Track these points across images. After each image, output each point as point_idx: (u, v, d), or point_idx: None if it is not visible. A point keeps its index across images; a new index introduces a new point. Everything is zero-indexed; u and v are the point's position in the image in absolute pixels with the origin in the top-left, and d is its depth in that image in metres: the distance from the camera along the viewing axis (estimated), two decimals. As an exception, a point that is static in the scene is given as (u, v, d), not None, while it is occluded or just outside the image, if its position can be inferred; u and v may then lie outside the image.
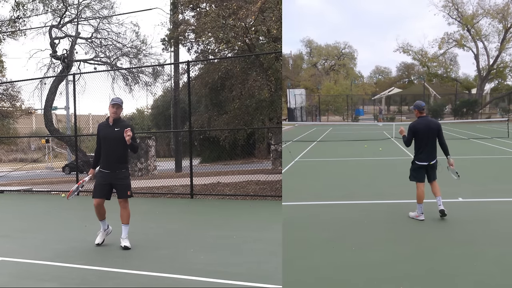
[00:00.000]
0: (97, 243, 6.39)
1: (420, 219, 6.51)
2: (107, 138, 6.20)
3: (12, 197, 13.08)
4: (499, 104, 49.98)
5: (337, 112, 50.15)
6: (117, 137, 6.11)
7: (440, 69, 49.25)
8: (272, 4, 12.09)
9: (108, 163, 6.21)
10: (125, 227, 6.28)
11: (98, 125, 6.43)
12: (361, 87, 58.42)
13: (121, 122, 6.28)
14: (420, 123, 6.66)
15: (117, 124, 6.21)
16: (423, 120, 6.68)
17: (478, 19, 43.60)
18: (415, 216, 6.60)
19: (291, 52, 61.24)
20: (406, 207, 7.41)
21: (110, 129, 6.21)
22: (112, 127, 6.21)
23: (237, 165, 18.36)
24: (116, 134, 6.13)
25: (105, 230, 6.51)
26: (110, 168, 6.20)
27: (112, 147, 6.18)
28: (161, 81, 20.40)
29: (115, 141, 6.13)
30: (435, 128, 6.65)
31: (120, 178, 6.23)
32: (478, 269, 4.65)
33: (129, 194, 6.29)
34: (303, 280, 4.49)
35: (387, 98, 60.15)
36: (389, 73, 78.83)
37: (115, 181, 6.21)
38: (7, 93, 20.71)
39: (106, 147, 6.23)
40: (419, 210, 6.57)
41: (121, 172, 6.24)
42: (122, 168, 6.27)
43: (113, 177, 6.20)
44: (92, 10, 18.41)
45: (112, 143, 6.17)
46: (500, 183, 9.50)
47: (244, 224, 8.16)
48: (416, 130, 6.63)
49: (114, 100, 6.26)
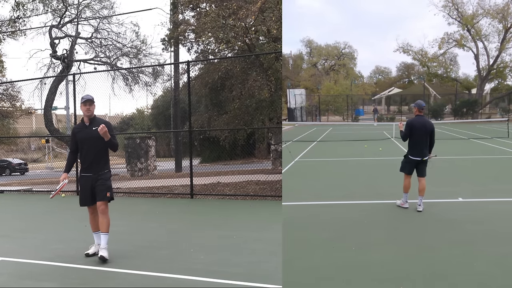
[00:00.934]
0: (87, 253, 5.91)
1: (404, 206, 7.23)
2: (86, 139, 5.82)
3: (12, 197, 13.08)
4: (499, 104, 49.96)
5: (337, 112, 50.11)
6: (96, 137, 5.73)
7: (440, 69, 49.23)
8: (272, 4, 12.09)
9: (90, 166, 5.83)
10: (104, 236, 5.75)
11: (73, 128, 6.15)
12: (361, 87, 58.38)
13: (97, 120, 5.89)
14: (417, 121, 7.17)
15: (94, 123, 5.83)
16: (420, 119, 7.21)
17: (478, 19, 43.58)
18: (401, 204, 7.29)
19: (291, 52, 61.32)
20: (406, 207, 7.41)
21: (88, 129, 5.84)
22: (90, 127, 5.84)
23: (237, 165, 18.36)
24: (94, 133, 5.74)
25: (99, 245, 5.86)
26: (92, 171, 5.82)
27: (92, 149, 5.81)
28: (161, 81, 20.43)
29: (95, 141, 5.76)
30: (430, 128, 7.17)
31: (101, 179, 5.82)
32: (478, 269, 4.64)
33: (109, 196, 5.82)
34: (303, 280, 4.49)
35: (387, 98, 60.16)
36: (389, 73, 78.87)
37: (96, 183, 5.80)
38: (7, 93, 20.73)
39: (86, 150, 5.85)
40: (404, 198, 7.28)
41: (103, 173, 5.87)
42: (105, 169, 5.91)
43: (94, 180, 5.82)
44: (92, 10, 18.42)
45: (92, 144, 5.79)
46: (500, 183, 9.50)
47: (244, 224, 8.16)
48: (413, 127, 7.14)
49: (85, 97, 5.80)
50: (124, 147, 18.41)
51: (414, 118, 7.31)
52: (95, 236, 5.97)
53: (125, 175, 17.53)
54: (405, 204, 7.26)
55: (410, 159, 7.26)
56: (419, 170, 7.27)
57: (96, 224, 5.91)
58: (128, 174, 17.64)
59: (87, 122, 5.86)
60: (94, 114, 5.87)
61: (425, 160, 7.23)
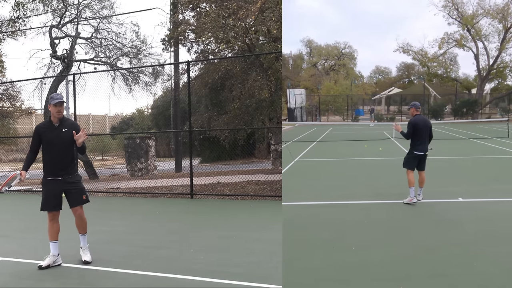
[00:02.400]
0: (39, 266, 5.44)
1: (413, 202, 7.47)
2: (54, 141, 5.46)
3: (12, 197, 13.07)
4: (499, 104, 49.94)
5: (337, 112, 50.08)
6: (66, 139, 5.46)
7: (440, 69, 49.21)
8: (272, 4, 12.09)
9: (58, 170, 5.50)
10: (83, 237, 5.71)
11: (37, 127, 5.62)
12: (361, 87, 58.35)
13: (66, 121, 5.59)
14: (419, 119, 7.76)
15: (63, 124, 5.52)
16: (420, 117, 7.85)
17: (478, 19, 43.55)
18: (409, 200, 7.50)
19: (291, 52, 61.30)
20: (406, 207, 7.42)
21: (57, 131, 5.48)
22: (59, 128, 5.49)
23: (237, 165, 18.35)
24: (64, 135, 5.46)
25: (55, 256, 5.56)
26: (61, 175, 5.51)
27: (61, 151, 5.48)
28: (161, 81, 20.37)
29: (65, 144, 5.48)
30: (429, 124, 7.87)
31: (73, 182, 5.57)
32: (478, 269, 4.65)
33: (84, 199, 5.65)
34: (303, 280, 4.49)
35: (387, 98, 60.15)
36: (389, 73, 78.85)
37: (67, 186, 5.54)
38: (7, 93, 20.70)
39: (53, 152, 5.47)
40: (412, 193, 7.52)
41: (73, 176, 5.61)
42: (74, 172, 5.66)
43: (65, 184, 5.53)
44: (92, 10, 18.38)
45: (60, 146, 5.47)
46: (500, 183, 9.50)
47: (244, 224, 8.16)
48: (416, 125, 7.67)
49: (57, 98, 5.47)
50: (124, 147, 18.38)
51: (415, 117, 7.79)
52: (52, 246, 5.58)
53: (125, 175, 17.53)
54: (413, 199, 7.49)
55: (415, 154, 7.72)
56: (421, 164, 7.78)
57: (55, 232, 5.63)
58: (128, 174, 17.63)
59: (56, 123, 5.50)
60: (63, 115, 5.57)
61: (426, 154, 7.78)
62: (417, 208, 7.37)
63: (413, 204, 7.46)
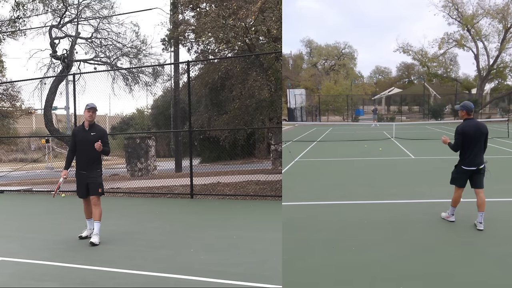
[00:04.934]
0: (80, 236, 6.88)
1: (450, 220, 6.49)
2: (84, 142, 6.67)
3: (12, 197, 13.07)
4: (499, 104, 49.94)
5: (337, 112, 50.08)
6: (93, 141, 6.56)
7: (440, 69, 49.18)
8: (272, 4, 12.09)
9: (84, 165, 6.72)
10: (96, 224, 6.63)
11: (74, 130, 7.00)
12: (361, 87, 58.35)
13: (96, 127, 6.81)
14: (470, 125, 6.19)
15: (93, 128, 6.74)
16: (472, 123, 6.23)
17: (478, 19, 43.53)
18: (446, 217, 6.56)
19: (291, 52, 61.25)
20: (406, 207, 7.42)
21: (86, 133, 6.70)
22: (88, 131, 6.71)
23: (237, 165, 18.35)
24: (92, 138, 6.61)
25: (91, 230, 6.84)
26: (86, 169, 6.71)
27: (88, 150, 6.64)
28: (161, 81, 20.37)
29: (91, 145, 6.56)
30: (485, 131, 6.22)
31: (93, 177, 6.70)
32: (478, 269, 4.65)
33: (100, 192, 6.70)
34: (303, 280, 4.49)
35: (387, 98, 60.19)
36: (389, 73, 78.83)
37: (89, 180, 6.69)
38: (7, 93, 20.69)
39: (82, 150, 6.72)
40: (451, 211, 6.52)
41: (95, 172, 6.74)
42: (97, 169, 6.79)
43: (88, 177, 6.69)
44: (92, 10, 18.38)
45: (88, 146, 6.61)
46: (500, 183, 9.49)
47: (244, 224, 8.16)
48: (465, 133, 6.17)
49: (90, 105, 6.72)
50: (124, 147, 18.38)
51: (464, 122, 6.24)
52: (88, 222, 6.94)
53: (125, 175, 17.52)
54: (451, 217, 6.51)
55: (463, 170, 6.27)
56: (474, 181, 6.27)
57: (89, 212, 6.89)
58: (128, 174, 17.63)
59: (86, 127, 6.73)
60: (94, 121, 6.76)
61: (481, 168, 6.21)
62: (417, 208, 7.38)
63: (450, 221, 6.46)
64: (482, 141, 6.21)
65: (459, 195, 6.40)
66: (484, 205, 6.13)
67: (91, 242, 6.48)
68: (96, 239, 6.51)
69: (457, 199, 6.42)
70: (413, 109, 59.06)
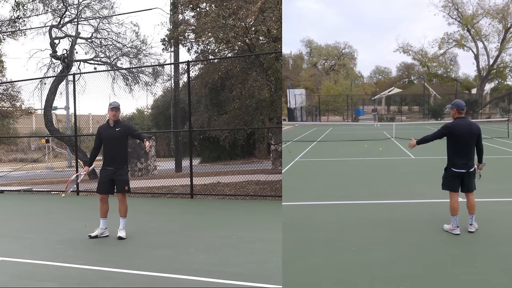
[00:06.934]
0: (90, 235, 6.85)
1: (455, 233, 5.78)
2: (110, 138, 6.84)
3: (12, 197, 13.08)
4: (499, 104, 49.92)
5: (337, 112, 50.08)
6: (119, 137, 6.83)
7: (440, 69, 49.15)
8: (272, 4, 12.09)
9: (111, 161, 6.85)
10: (122, 220, 6.87)
11: (99, 128, 7.09)
12: (361, 87, 58.35)
13: (121, 123, 6.99)
14: (460, 124, 5.84)
15: (117, 125, 6.90)
16: (464, 122, 5.88)
17: (478, 19, 43.51)
18: (450, 229, 5.87)
19: (291, 52, 61.22)
20: (406, 207, 7.42)
21: (112, 130, 6.87)
22: (113, 128, 6.88)
23: (237, 165, 18.34)
24: (117, 134, 6.82)
25: (102, 229, 6.93)
26: (112, 166, 6.84)
27: (115, 147, 6.84)
28: (161, 81, 20.36)
29: (117, 140, 6.83)
30: (477, 132, 5.87)
31: (121, 174, 6.85)
32: (478, 269, 4.65)
33: (126, 189, 6.89)
34: (303, 280, 4.49)
35: (387, 98, 60.14)
36: (389, 73, 78.75)
37: (116, 176, 6.82)
38: (7, 93, 20.69)
39: (107, 147, 6.88)
40: (454, 223, 5.83)
41: (122, 169, 6.89)
42: (124, 165, 6.94)
43: (114, 174, 6.82)
44: (92, 10, 18.38)
45: (114, 143, 6.83)
46: (500, 183, 9.49)
47: (244, 224, 8.16)
48: (455, 132, 5.83)
49: (113, 104, 6.92)
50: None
51: (455, 121, 5.92)
52: (102, 221, 6.92)
53: (125, 175, 17.54)
54: (456, 230, 5.80)
55: (454, 172, 5.85)
56: (465, 184, 5.90)
57: (104, 211, 6.89)
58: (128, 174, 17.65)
59: (111, 124, 6.92)
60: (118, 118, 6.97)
61: (471, 171, 5.85)
62: (417, 208, 7.38)
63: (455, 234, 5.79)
64: (473, 142, 5.89)
65: (455, 201, 5.87)
66: (475, 208, 5.87)
67: (119, 236, 6.70)
68: (123, 233, 6.75)
69: (455, 206, 5.85)
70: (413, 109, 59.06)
